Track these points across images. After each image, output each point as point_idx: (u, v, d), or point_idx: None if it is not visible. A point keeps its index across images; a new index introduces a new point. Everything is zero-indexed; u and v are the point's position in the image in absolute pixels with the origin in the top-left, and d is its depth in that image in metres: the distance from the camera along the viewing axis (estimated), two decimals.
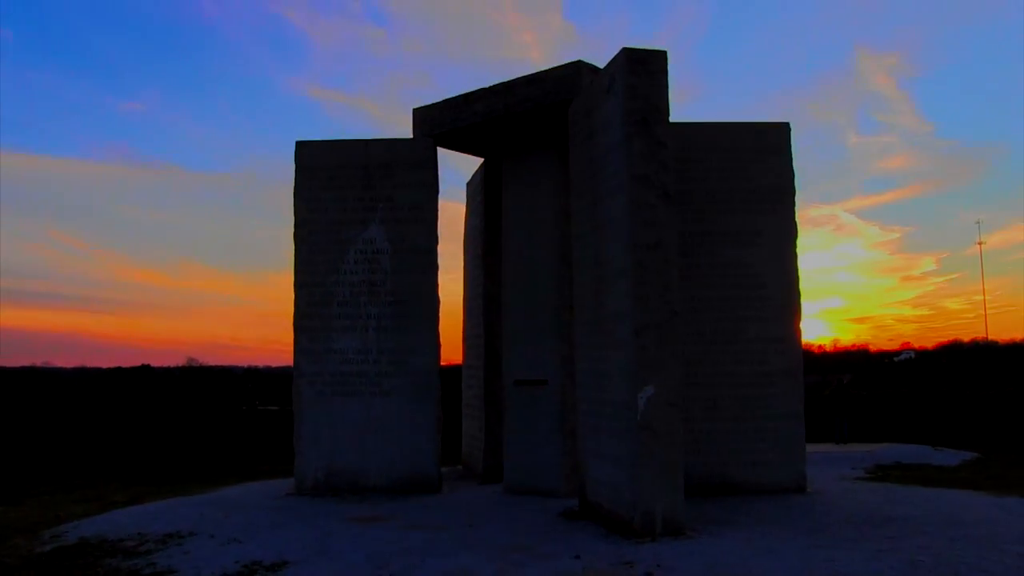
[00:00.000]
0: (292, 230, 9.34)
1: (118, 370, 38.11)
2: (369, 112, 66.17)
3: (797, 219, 9.10)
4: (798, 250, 9.05)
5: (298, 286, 9.32)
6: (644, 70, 7.08)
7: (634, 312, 6.85)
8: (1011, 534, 6.82)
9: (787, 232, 9.02)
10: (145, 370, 37.74)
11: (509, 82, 8.86)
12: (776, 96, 65.39)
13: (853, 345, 43.92)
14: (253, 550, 6.84)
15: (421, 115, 9.53)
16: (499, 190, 9.78)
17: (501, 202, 9.67)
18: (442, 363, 9.33)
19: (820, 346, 44.42)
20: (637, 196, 6.96)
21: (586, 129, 7.98)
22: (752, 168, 9.01)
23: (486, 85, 9.14)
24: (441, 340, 9.36)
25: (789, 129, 9.16)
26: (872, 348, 43.24)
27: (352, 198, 9.29)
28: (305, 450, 9.21)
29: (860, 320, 66.55)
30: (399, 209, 9.27)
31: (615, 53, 7.30)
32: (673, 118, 7.18)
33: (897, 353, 40.79)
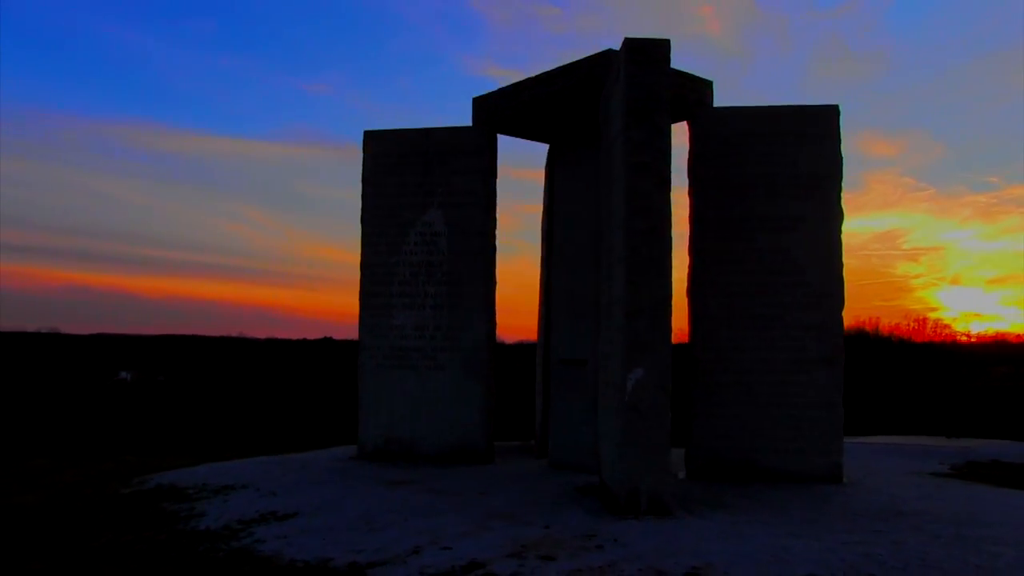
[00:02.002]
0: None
1: (303, 342, 41.19)
2: None
3: (843, 204, 8.90)
4: (842, 236, 8.88)
5: (363, 266, 10.10)
6: (644, 59, 7.25)
7: (626, 297, 7.10)
8: (1015, 536, 6.58)
9: (830, 218, 8.85)
10: (327, 342, 40.54)
11: (552, 71, 9.18)
12: (973, 64, 60.52)
13: None
14: (279, 502, 7.68)
15: (479, 103, 10.02)
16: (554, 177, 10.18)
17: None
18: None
19: (1018, 335, 41.06)
20: (633, 183, 7.18)
21: (606, 118, 8.23)
22: (794, 152, 8.88)
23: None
24: (498, 319, 9.89)
25: (838, 112, 8.94)
26: None
27: (413, 184, 9.95)
28: (366, 418, 10.03)
29: None
30: (456, 194, 9.84)
31: (802, 26, 7.49)
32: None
33: None
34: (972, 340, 37.83)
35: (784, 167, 8.89)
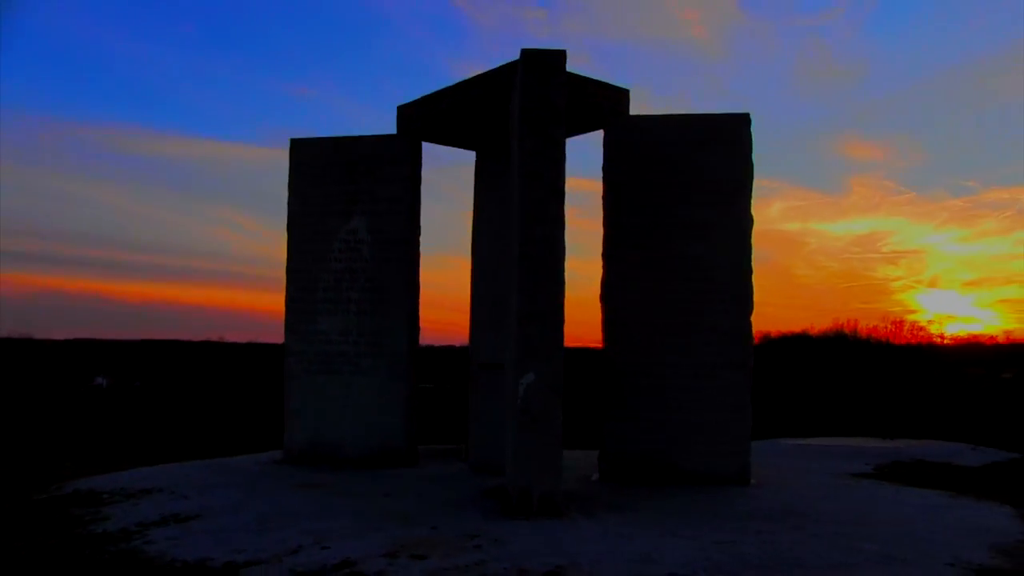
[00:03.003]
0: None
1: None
2: None
3: (752, 211, 9.07)
4: (752, 242, 9.05)
5: (289, 272, 10.24)
6: (539, 70, 7.42)
7: (519, 303, 7.26)
8: (889, 533, 6.75)
9: (740, 224, 9.01)
10: None
11: (470, 79, 9.32)
12: (950, 69, 60.84)
13: None
14: (186, 505, 7.80)
15: (403, 111, 10.17)
16: None
17: None
18: None
19: (991, 337, 41.24)
20: (525, 192, 7.34)
21: (511, 128, 8.38)
22: (706, 160, 9.05)
23: (647, 65, 9.56)
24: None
25: (748, 120, 9.11)
26: None
27: (337, 192, 10.09)
28: (292, 422, 10.15)
29: None
30: (379, 202, 9.98)
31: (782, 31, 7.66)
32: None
33: None
34: (947, 342, 38.11)
35: (695, 174, 9.05)
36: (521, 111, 7.39)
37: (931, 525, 7.16)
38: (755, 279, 9.02)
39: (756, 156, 9.08)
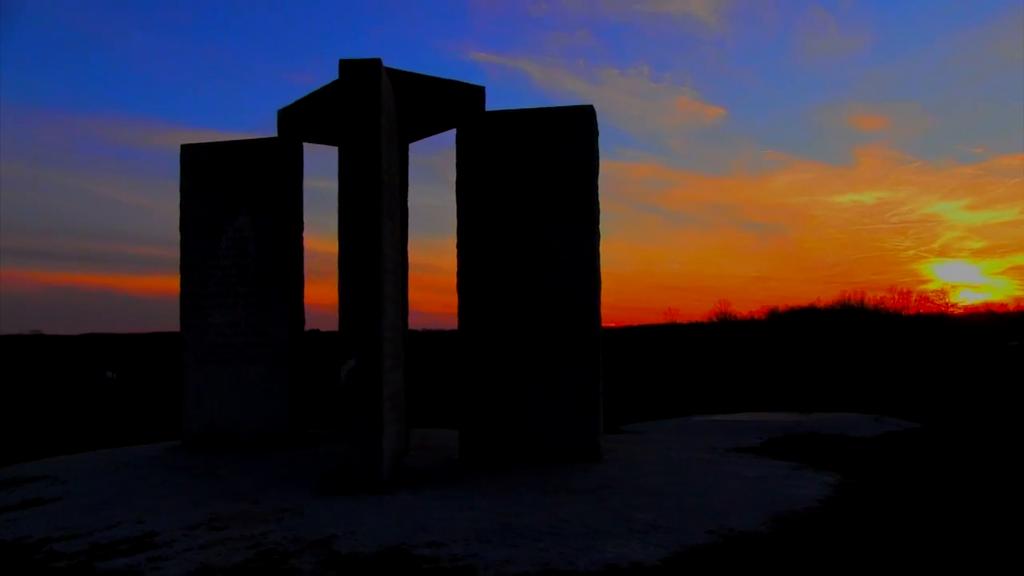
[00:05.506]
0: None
1: None
2: (528, 73, 67.35)
3: (598, 200, 9.52)
4: (599, 229, 9.52)
5: (182, 270, 10.90)
6: (355, 78, 7.97)
7: (340, 295, 7.83)
8: (684, 504, 7.17)
9: (587, 213, 9.46)
10: (314, 334, 41.60)
11: (329, 84, 9.86)
12: (960, 35, 59.81)
13: None
14: (56, 490, 8.49)
15: (283, 114, 10.73)
16: None
17: None
18: None
19: (1003, 305, 40.94)
20: (345, 192, 7.92)
21: None
22: (552, 152, 9.51)
23: (644, 41, 9.85)
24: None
25: (593, 112, 9.55)
26: None
27: (225, 192, 10.73)
28: (188, 411, 10.84)
29: None
30: (261, 201, 10.62)
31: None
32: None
33: None
34: (958, 312, 37.99)
35: (543, 166, 9.52)
36: (342, 117, 7.92)
37: (734, 496, 7.56)
38: (762, 253, 9.61)
39: (761, 128, 9.66)
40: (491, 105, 9.71)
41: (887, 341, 28.58)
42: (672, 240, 72.17)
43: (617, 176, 66.96)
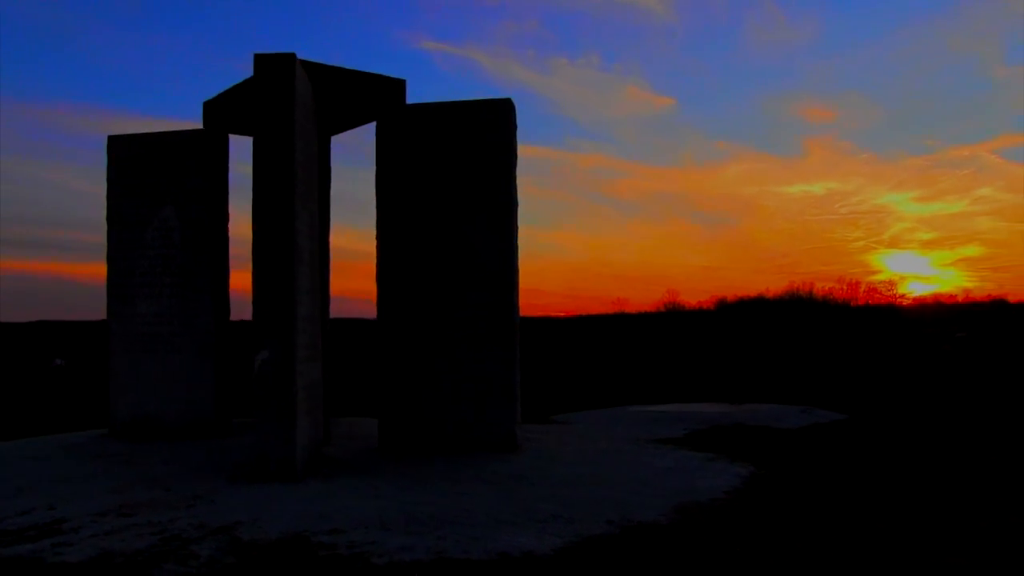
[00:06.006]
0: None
1: None
2: (479, 62, 67.14)
3: (516, 193, 9.75)
4: (517, 222, 9.76)
5: (109, 260, 10.99)
6: (267, 73, 8.09)
7: (255, 288, 7.99)
8: (586, 495, 7.38)
9: (505, 206, 9.68)
10: None
11: (244, 81, 9.96)
12: (910, 27, 60.67)
13: (988, 296, 40.81)
14: None
15: (208, 106, 10.83)
16: None
17: None
18: None
19: (951, 296, 41.83)
20: (257, 186, 8.07)
21: None
22: (471, 145, 9.71)
23: (592, 31, 9.77)
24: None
25: (511, 106, 9.76)
26: (1013, 299, 40.13)
27: (151, 183, 10.82)
28: (115, 399, 10.95)
29: (998, 270, 61.81)
30: (187, 192, 10.74)
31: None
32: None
33: None
34: (906, 303, 38.76)
35: (461, 159, 9.73)
36: (256, 111, 8.05)
37: (640, 487, 7.76)
38: (711, 243, 9.71)
39: (711, 119, 9.87)
40: (440, 95, 9.86)
41: (835, 332, 29.06)
42: (622, 230, 72.48)
43: (567, 166, 67.07)
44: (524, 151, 7.79)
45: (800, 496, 7.50)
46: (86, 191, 74.39)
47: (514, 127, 9.77)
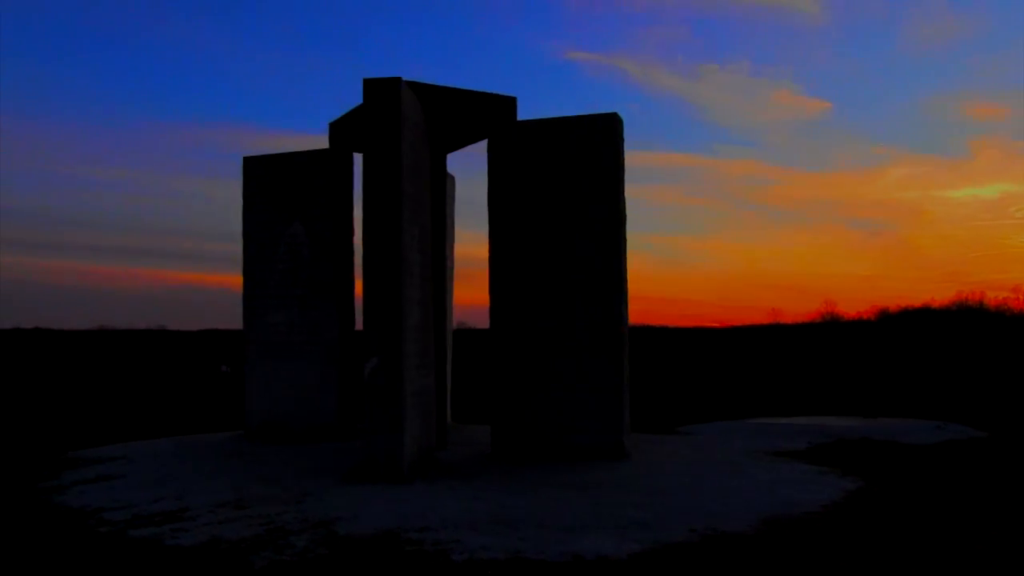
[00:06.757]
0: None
1: None
2: (626, 70, 66.69)
3: (624, 205, 9.87)
4: (625, 235, 9.88)
5: (245, 273, 11.86)
6: (376, 95, 8.57)
7: (365, 299, 8.48)
8: (678, 504, 7.45)
9: (613, 218, 9.81)
10: None
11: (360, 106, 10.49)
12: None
13: None
14: (125, 468, 9.56)
15: (334, 127, 11.48)
16: None
17: None
18: None
19: None
20: (368, 204, 8.58)
21: None
22: (580, 159, 9.90)
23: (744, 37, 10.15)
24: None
25: (619, 120, 9.88)
26: None
27: (282, 201, 11.59)
28: (250, 403, 11.76)
29: None
30: (314, 209, 11.43)
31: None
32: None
33: None
34: None
35: (571, 173, 9.93)
36: (367, 133, 8.55)
37: (735, 498, 7.74)
38: (871, 251, 9.62)
39: (868, 122, 9.67)
40: (588, 106, 10.10)
41: (1008, 344, 27.28)
42: (774, 238, 70.61)
43: (716, 173, 65.86)
44: (672, 159, 7.93)
45: (901, 514, 7.24)
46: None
47: (621, 140, 9.90)
